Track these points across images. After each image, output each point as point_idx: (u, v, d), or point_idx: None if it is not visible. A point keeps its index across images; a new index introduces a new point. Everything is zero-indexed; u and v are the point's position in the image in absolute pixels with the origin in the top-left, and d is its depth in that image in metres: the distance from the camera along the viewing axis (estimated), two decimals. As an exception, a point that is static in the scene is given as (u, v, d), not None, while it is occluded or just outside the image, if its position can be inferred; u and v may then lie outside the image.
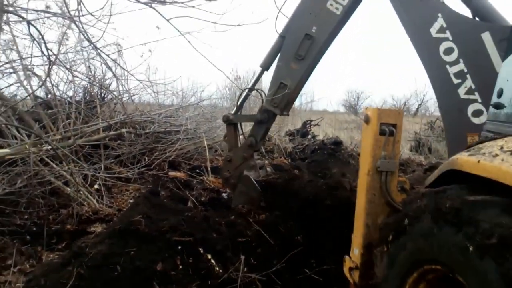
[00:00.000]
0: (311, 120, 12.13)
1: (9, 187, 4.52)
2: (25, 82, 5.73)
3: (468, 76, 3.04)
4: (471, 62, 3.04)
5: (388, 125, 2.66)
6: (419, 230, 2.08)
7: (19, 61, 5.63)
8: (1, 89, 2.77)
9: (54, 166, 4.98)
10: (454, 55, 3.09)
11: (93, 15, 2.67)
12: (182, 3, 2.62)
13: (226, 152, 4.77)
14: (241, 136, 4.78)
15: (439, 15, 3.14)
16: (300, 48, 3.85)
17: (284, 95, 4.02)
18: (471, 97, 3.02)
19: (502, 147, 1.88)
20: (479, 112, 3.01)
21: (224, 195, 6.26)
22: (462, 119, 3.02)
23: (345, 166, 8.43)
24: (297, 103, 15.94)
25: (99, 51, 2.97)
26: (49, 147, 4.75)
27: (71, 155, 4.01)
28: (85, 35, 2.65)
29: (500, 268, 1.56)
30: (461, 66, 3.06)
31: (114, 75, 5.92)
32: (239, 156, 4.46)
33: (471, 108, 3.04)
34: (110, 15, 2.77)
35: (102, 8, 2.60)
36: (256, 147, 4.60)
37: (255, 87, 4.60)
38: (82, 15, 2.57)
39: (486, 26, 3.06)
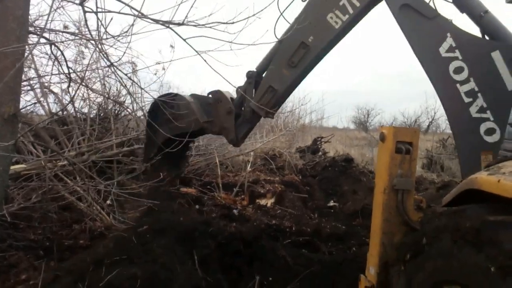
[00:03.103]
0: (322, 137, 12.12)
1: (24, 202, 4.57)
2: (42, 99, 5.86)
3: (479, 94, 3.02)
4: (482, 80, 3.02)
5: (404, 143, 2.66)
6: (438, 250, 2.05)
7: (36, 78, 5.77)
8: (23, 108, 2.84)
9: (68, 181, 5.04)
10: (464, 74, 3.08)
11: (115, 38, 2.74)
12: (202, 25, 2.66)
13: (229, 104, 4.40)
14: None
15: (448, 34, 3.14)
16: (294, 55, 3.86)
17: (271, 98, 4.06)
18: (483, 115, 2.99)
19: (522, 167, 1.87)
20: (491, 130, 2.98)
21: (235, 211, 6.26)
22: (475, 138, 3.00)
23: (357, 183, 8.39)
24: (307, 120, 16.04)
25: (115, 68, 3.01)
26: (64, 162, 4.81)
27: (86, 170, 4.06)
28: (107, 57, 2.71)
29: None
30: (471, 85, 3.05)
31: (129, 92, 6.01)
32: (219, 126, 4.42)
33: (483, 127, 3.01)
34: (131, 34, 2.82)
35: (126, 32, 2.67)
36: (236, 144, 4.57)
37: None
38: (105, 38, 2.64)
39: (496, 45, 3.06)
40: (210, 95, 4.50)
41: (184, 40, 3.02)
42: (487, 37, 3.24)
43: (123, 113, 7.34)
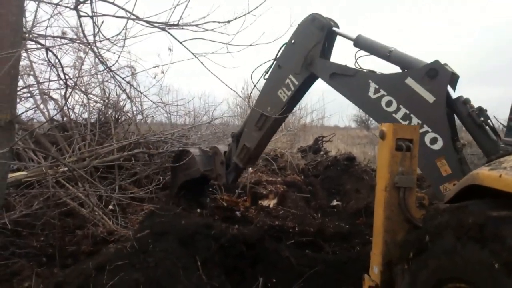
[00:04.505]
0: (323, 136, 12.06)
1: (25, 209, 4.57)
2: (41, 106, 5.86)
3: (412, 115, 3.56)
4: (409, 104, 3.58)
5: (404, 141, 2.63)
6: (441, 247, 2.02)
7: (36, 85, 5.77)
8: (20, 114, 2.85)
9: (70, 187, 5.03)
10: (394, 105, 3.67)
11: (109, 40, 2.73)
12: (196, 25, 2.65)
13: (222, 157, 5.54)
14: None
15: (370, 81, 3.82)
16: (259, 121, 4.88)
17: (245, 154, 5.14)
18: (422, 130, 3.43)
19: (523, 161, 1.85)
20: (434, 139, 3.43)
21: (238, 213, 6.24)
22: (425, 150, 3.38)
23: (359, 182, 8.35)
24: (308, 119, 16.04)
25: (113, 73, 3.00)
26: (65, 169, 4.81)
27: (86, 176, 4.04)
28: (101, 59, 2.70)
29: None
30: (403, 110, 3.60)
31: (128, 97, 6.01)
32: (215, 173, 5.61)
33: (427, 139, 3.44)
34: (125, 38, 2.83)
35: (119, 34, 2.66)
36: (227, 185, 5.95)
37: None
38: (99, 41, 2.62)
39: (405, 74, 3.63)
40: (210, 150, 5.87)
41: (181, 42, 3.00)
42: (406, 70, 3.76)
43: (123, 117, 7.33)
